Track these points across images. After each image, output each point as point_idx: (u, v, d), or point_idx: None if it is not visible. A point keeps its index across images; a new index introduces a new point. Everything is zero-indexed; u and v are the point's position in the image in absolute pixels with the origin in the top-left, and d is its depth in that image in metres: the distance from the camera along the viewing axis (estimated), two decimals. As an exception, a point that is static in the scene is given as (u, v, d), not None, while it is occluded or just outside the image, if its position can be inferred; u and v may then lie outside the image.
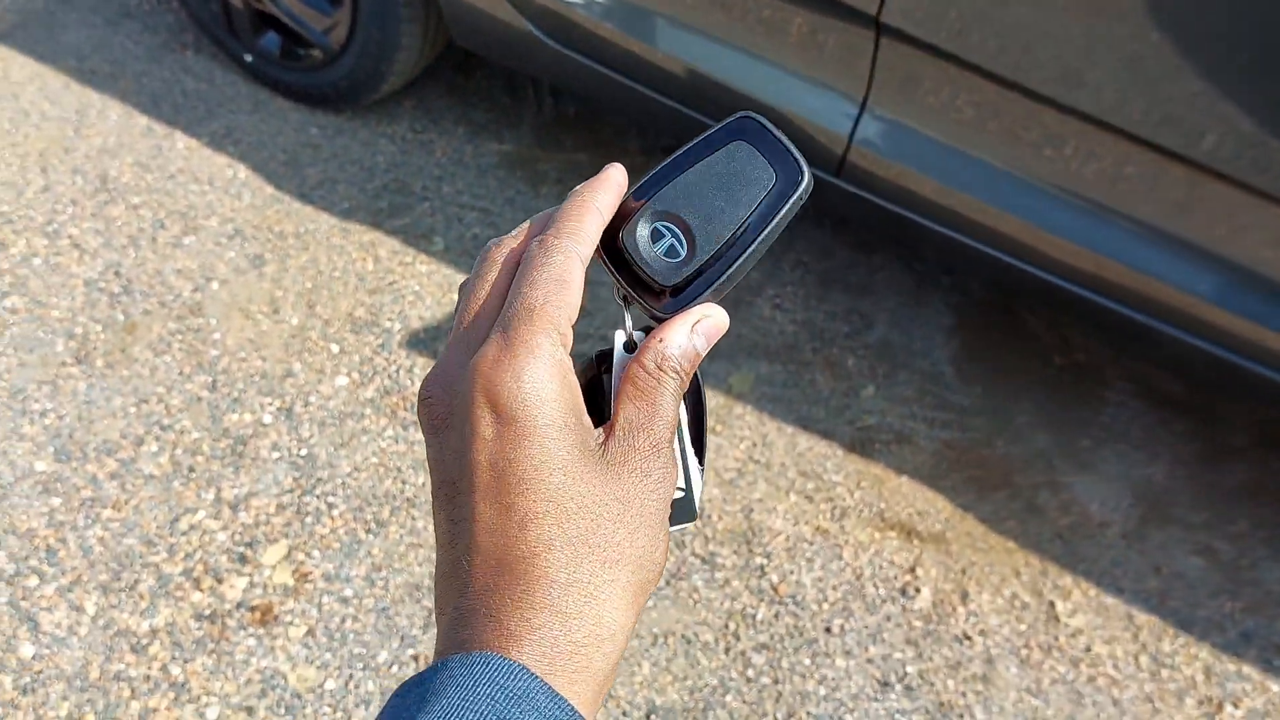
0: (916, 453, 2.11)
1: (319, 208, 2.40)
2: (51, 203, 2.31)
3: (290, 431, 1.99)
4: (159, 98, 2.59)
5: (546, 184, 2.54)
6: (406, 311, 2.21)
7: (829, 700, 1.76)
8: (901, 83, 1.84)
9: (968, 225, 1.91)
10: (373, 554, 1.84)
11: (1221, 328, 1.78)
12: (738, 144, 0.53)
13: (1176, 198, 1.72)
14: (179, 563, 1.79)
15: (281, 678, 1.69)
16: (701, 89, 2.07)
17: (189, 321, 2.13)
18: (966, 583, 1.92)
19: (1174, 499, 2.09)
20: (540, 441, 0.43)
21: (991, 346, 2.32)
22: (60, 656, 1.67)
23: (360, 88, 2.52)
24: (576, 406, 0.45)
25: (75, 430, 1.93)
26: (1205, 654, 1.87)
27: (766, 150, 0.53)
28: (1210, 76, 1.59)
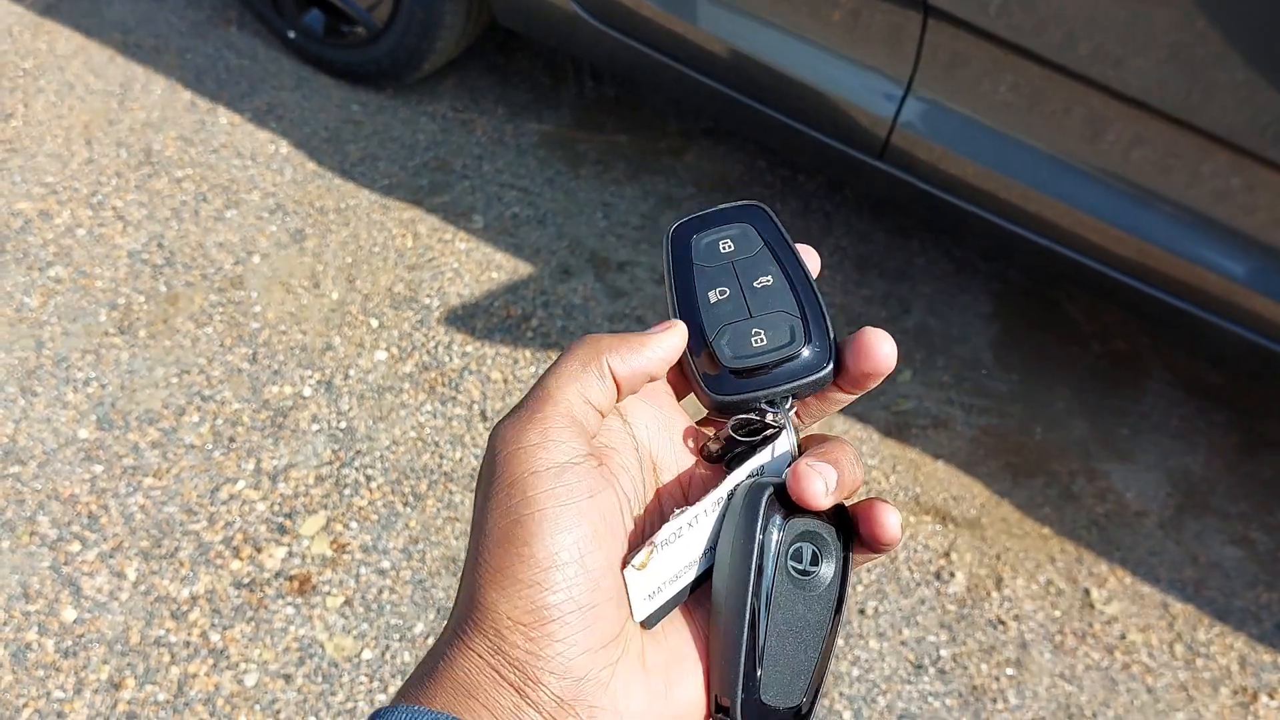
0: (953, 438, 2.10)
1: (360, 184, 2.41)
2: (96, 174, 2.33)
3: (330, 404, 2.00)
4: (203, 73, 2.62)
5: (586, 165, 2.54)
6: (445, 288, 2.22)
7: (862, 681, 1.76)
8: (947, 65, 1.83)
9: (1010, 210, 1.90)
10: (410, 526, 1.86)
11: (1265, 315, 1.77)
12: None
13: (1222, 183, 1.71)
14: (219, 531, 1.81)
15: (319, 646, 1.71)
16: (744, 69, 2.06)
17: (230, 294, 2.15)
18: (1001, 568, 1.92)
19: (1212, 489, 2.07)
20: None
21: (1030, 333, 2.31)
22: (101, 621, 1.70)
23: (402, 66, 2.54)
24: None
25: (118, 399, 1.96)
26: (1241, 644, 1.86)
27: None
28: (1256, 60, 1.58)
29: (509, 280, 2.27)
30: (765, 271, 0.52)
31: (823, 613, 0.48)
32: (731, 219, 0.54)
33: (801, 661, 0.47)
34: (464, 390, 2.05)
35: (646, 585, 0.46)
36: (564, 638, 0.43)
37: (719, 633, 0.46)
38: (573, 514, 0.44)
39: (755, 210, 0.55)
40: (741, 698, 0.45)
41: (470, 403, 2.03)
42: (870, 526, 0.48)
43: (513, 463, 0.45)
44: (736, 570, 0.46)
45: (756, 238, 0.53)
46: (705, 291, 0.52)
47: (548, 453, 0.45)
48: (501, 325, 2.18)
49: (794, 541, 0.47)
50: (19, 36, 2.63)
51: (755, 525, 0.45)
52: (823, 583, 0.47)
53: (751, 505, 0.46)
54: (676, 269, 0.53)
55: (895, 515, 0.48)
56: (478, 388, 2.06)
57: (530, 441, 0.45)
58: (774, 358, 0.50)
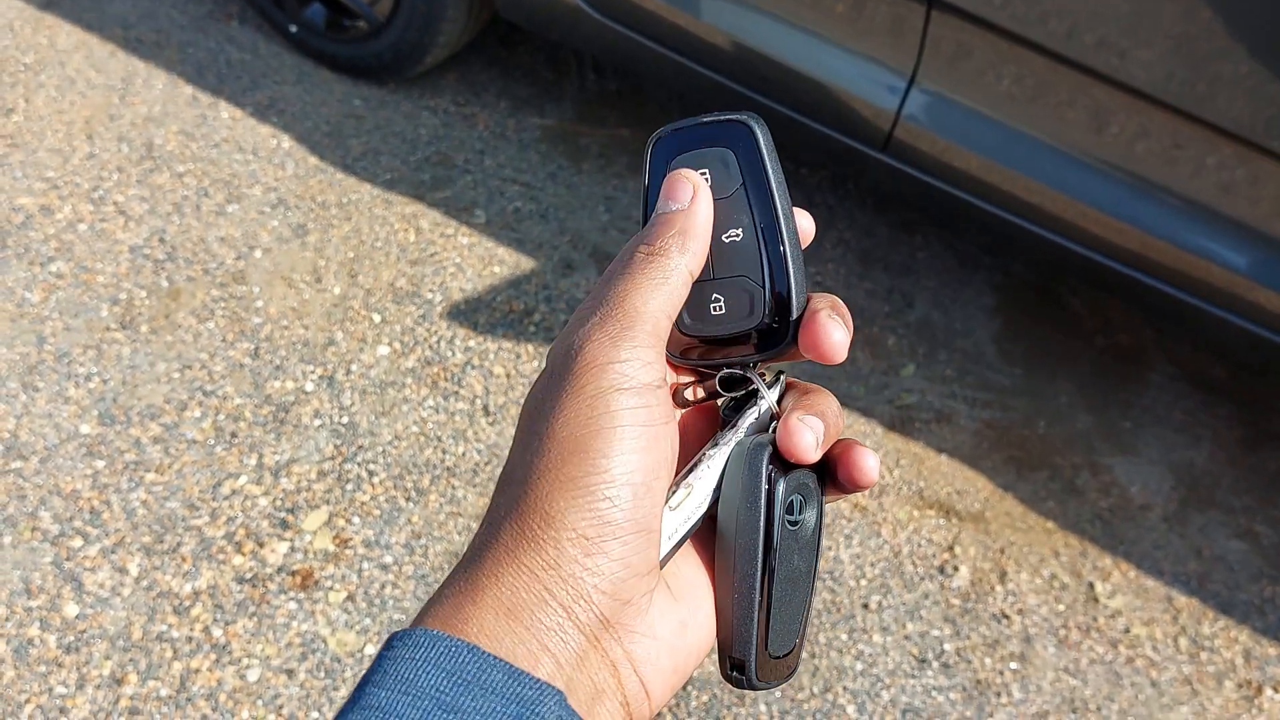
0: (956, 432, 2.10)
1: (362, 179, 2.41)
2: (97, 169, 2.33)
3: (332, 399, 2.00)
4: (204, 67, 2.61)
5: (588, 159, 2.54)
6: (448, 283, 2.22)
7: (866, 675, 1.76)
8: (951, 57, 1.83)
9: (1014, 202, 1.90)
10: (412, 522, 1.85)
11: (1268, 308, 1.76)
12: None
13: (1227, 175, 1.70)
14: (221, 527, 1.81)
15: (322, 641, 1.71)
16: (746, 62, 2.06)
17: (232, 289, 2.14)
18: (1005, 562, 1.91)
19: (1216, 482, 2.07)
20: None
21: (1033, 327, 2.31)
22: (104, 616, 1.69)
23: (404, 60, 2.53)
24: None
25: (119, 394, 1.95)
26: (1245, 637, 1.86)
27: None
28: (1261, 52, 1.57)
29: (511, 275, 2.26)
30: (736, 223, 0.49)
31: (810, 558, 0.49)
32: (716, 139, 0.49)
33: (796, 608, 0.48)
34: (466, 385, 2.05)
35: (670, 525, 0.46)
36: (620, 557, 0.43)
37: (733, 595, 0.46)
38: (650, 437, 0.44)
39: (742, 130, 0.49)
40: (754, 656, 0.46)
41: (473, 398, 2.03)
42: (849, 470, 0.49)
43: (600, 376, 0.44)
44: (747, 537, 0.46)
45: (736, 171, 0.49)
46: None
47: (636, 371, 0.44)
48: (504, 320, 2.17)
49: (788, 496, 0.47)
50: (20, 31, 2.62)
51: (760, 492, 0.46)
52: (809, 529, 0.48)
53: (754, 469, 0.46)
54: (651, 191, 0.50)
55: (874, 459, 0.49)
56: (480, 383, 2.06)
57: (621, 357, 0.44)
58: (729, 331, 0.49)
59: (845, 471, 0.49)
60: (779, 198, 0.49)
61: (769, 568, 0.46)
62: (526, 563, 0.42)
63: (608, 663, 0.43)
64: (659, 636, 0.45)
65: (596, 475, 0.43)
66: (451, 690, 0.39)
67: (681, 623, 0.46)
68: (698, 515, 0.47)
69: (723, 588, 0.47)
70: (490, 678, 0.39)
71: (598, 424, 0.43)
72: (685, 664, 0.46)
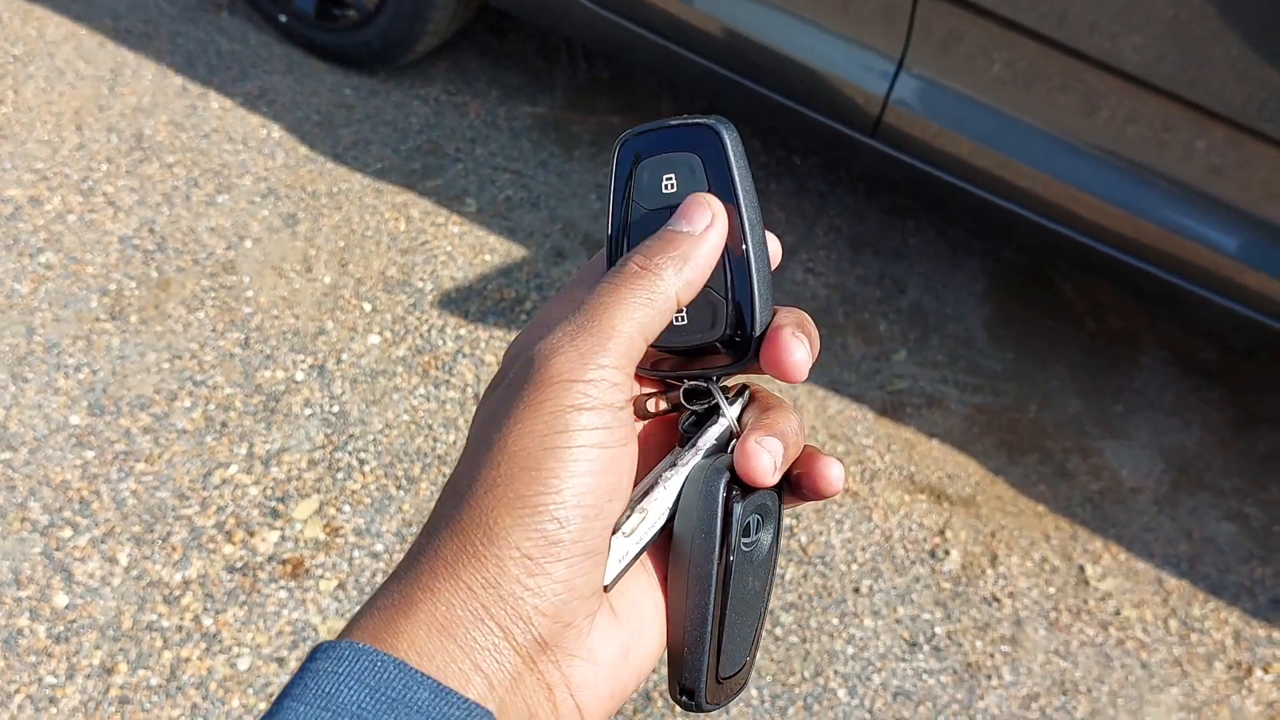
0: (947, 417, 2.10)
1: (352, 168, 2.40)
2: (86, 160, 2.33)
3: (322, 388, 2.00)
4: (194, 58, 2.60)
5: (580, 147, 2.53)
6: (439, 272, 2.22)
7: (857, 659, 1.76)
8: (940, 41, 1.82)
9: (1004, 187, 1.89)
10: (403, 510, 1.85)
11: (1259, 291, 1.76)
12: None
13: (1217, 158, 1.70)
14: (211, 516, 1.81)
15: (312, 630, 1.71)
16: (737, 48, 2.05)
17: (222, 279, 2.14)
18: (996, 546, 1.91)
19: (1206, 465, 2.07)
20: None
21: (1024, 312, 2.31)
22: (93, 606, 1.69)
23: (394, 49, 2.52)
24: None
25: (109, 385, 1.95)
26: (1235, 619, 1.86)
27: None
28: (1252, 35, 1.57)
29: (502, 263, 2.26)
30: None
31: (764, 576, 0.48)
32: (683, 143, 0.48)
33: (747, 629, 0.47)
34: (457, 374, 2.05)
35: (620, 549, 0.45)
36: (564, 579, 0.41)
37: (685, 624, 0.46)
38: (607, 459, 0.42)
39: (709, 136, 0.47)
40: (705, 683, 0.45)
41: (464, 386, 2.03)
42: (814, 481, 0.47)
43: (562, 393, 0.42)
44: (701, 566, 0.45)
45: (702, 178, 0.47)
46: (636, 242, 0.47)
47: (600, 392, 0.42)
48: (495, 308, 2.17)
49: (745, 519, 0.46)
50: (8, 22, 2.61)
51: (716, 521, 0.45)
52: (764, 549, 0.47)
53: (711, 495, 0.45)
54: (615, 196, 0.49)
55: (838, 468, 0.47)
56: (471, 371, 2.06)
57: (587, 376, 0.42)
58: (690, 343, 0.47)
59: (810, 482, 0.48)
60: (745, 208, 0.47)
61: (724, 597, 0.45)
62: (465, 578, 0.41)
63: (543, 685, 0.42)
64: (598, 661, 0.43)
65: (547, 495, 0.41)
66: (374, 707, 0.37)
67: (624, 646, 0.45)
68: (649, 538, 0.46)
69: (674, 611, 0.46)
70: (416, 695, 0.38)
71: (553, 442, 0.42)
72: (624, 688, 0.45)
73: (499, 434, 0.43)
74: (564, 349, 0.43)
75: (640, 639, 0.46)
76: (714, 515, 0.45)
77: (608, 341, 0.43)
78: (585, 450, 0.42)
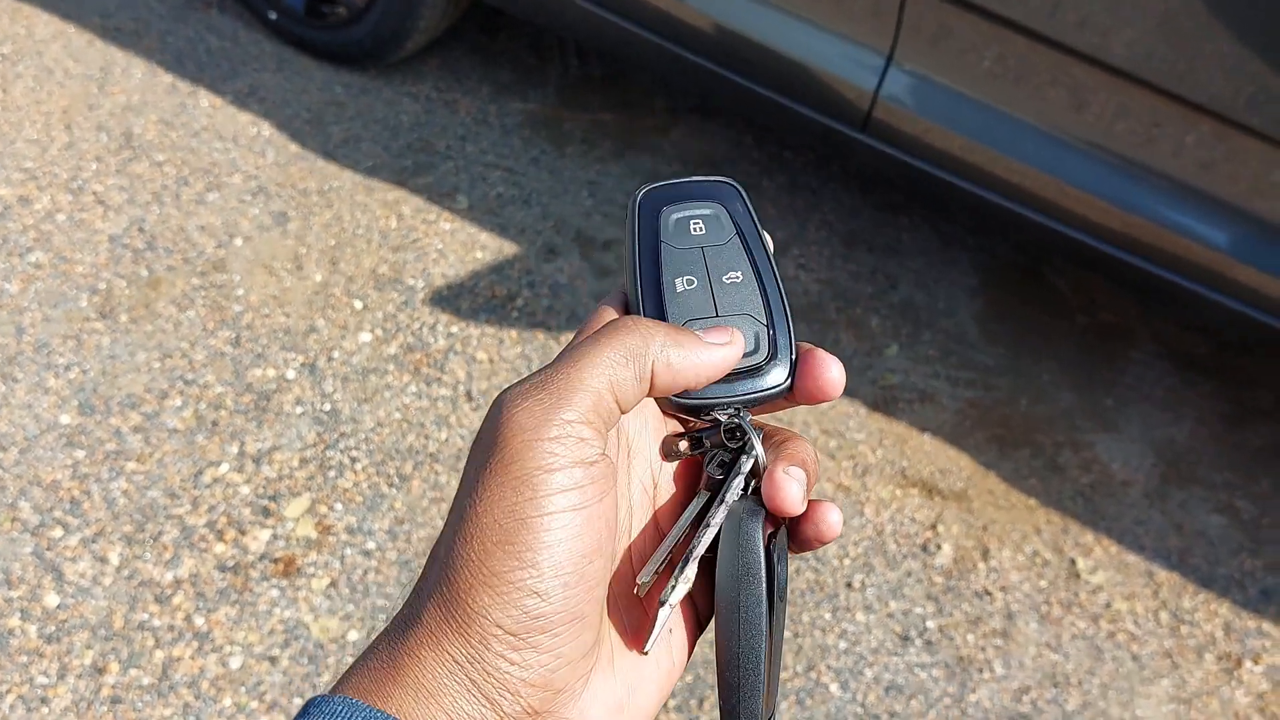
0: (939, 411, 2.10)
1: (343, 165, 2.40)
2: (76, 159, 2.32)
3: (313, 386, 2.00)
4: (183, 55, 2.60)
5: (571, 144, 2.53)
6: (430, 269, 2.21)
7: (849, 654, 1.76)
8: (929, 36, 1.82)
9: (995, 181, 1.90)
10: (395, 508, 1.85)
11: (1250, 285, 1.76)
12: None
13: (1207, 153, 1.70)
14: (202, 515, 1.81)
15: (304, 628, 1.71)
16: (727, 44, 2.05)
17: (212, 277, 2.14)
18: (987, 540, 1.92)
19: (1197, 458, 2.07)
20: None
21: (1016, 306, 2.31)
22: (85, 606, 1.69)
23: (385, 46, 2.52)
24: None
25: (99, 384, 1.95)
26: (1225, 611, 1.87)
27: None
28: (1242, 30, 1.57)
29: (494, 260, 2.26)
30: (736, 266, 0.50)
31: (783, 611, 0.48)
32: (704, 196, 0.52)
33: (778, 666, 0.47)
34: (449, 371, 2.05)
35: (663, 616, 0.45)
36: (551, 649, 0.40)
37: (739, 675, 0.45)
38: (583, 519, 0.41)
39: (728, 190, 0.52)
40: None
41: (455, 384, 2.03)
42: (815, 525, 0.47)
43: (526, 456, 0.41)
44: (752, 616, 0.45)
45: (729, 224, 0.51)
46: (672, 277, 0.50)
47: (566, 449, 0.41)
48: (487, 305, 2.17)
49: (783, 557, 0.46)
50: (-3, 22, 2.61)
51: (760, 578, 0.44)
52: (784, 585, 0.47)
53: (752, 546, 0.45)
54: (641, 242, 0.51)
55: (837, 514, 0.47)
56: (463, 368, 2.05)
57: (549, 435, 0.41)
58: (737, 367, 0.48)
59: (812, 528, 0.47)
60: (767, 252, 0.51)
61: (773, 650, 0.45)
62: (449, 651, 0.40)
63: None
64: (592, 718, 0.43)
65: (523, 570, 0.40)
66: None
67: (619, 703, 0.44)
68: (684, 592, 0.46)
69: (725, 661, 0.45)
70: None
71: (524, 511, 0.40)
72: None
73: (471, 503, 0.42)
74: (524, 404, 0.42)
75: (635, 694, 0.45)
76: (757, 566, 0.44)
77: (573, 396, 0.42)
78: (559, 516, 0.40)
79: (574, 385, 0.42)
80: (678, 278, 0.50)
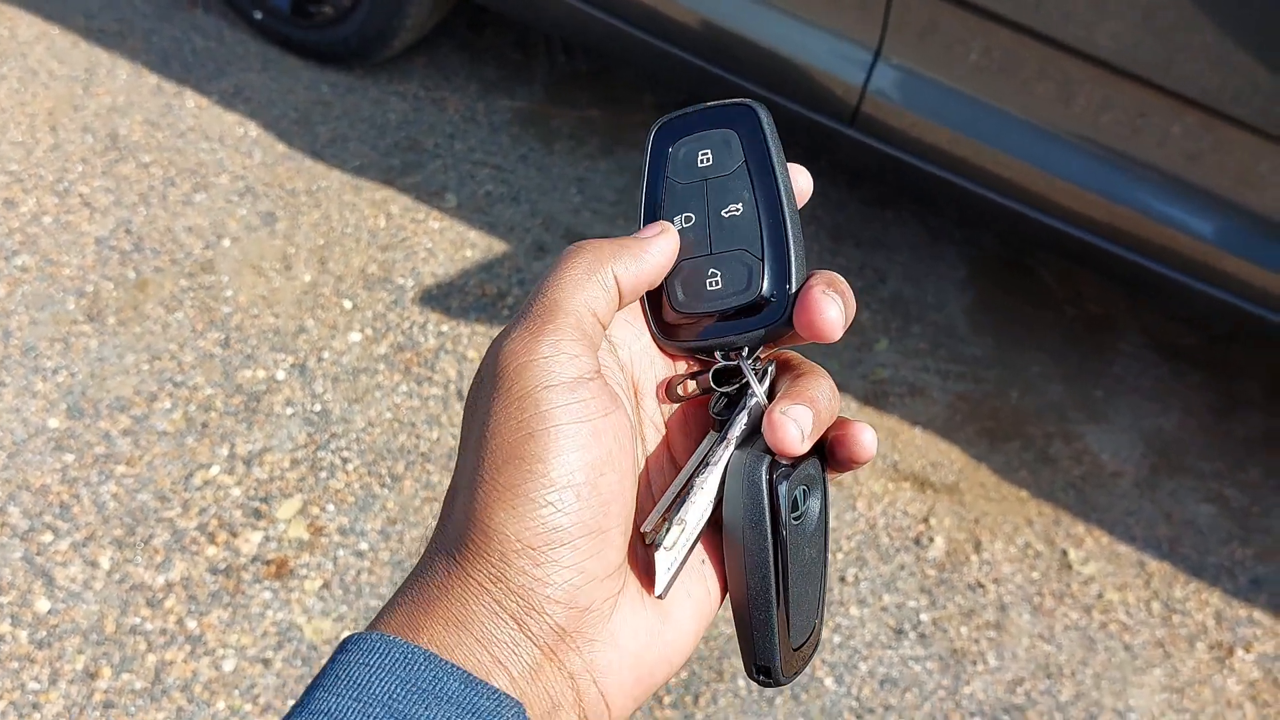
0: (930, 405, 2.10)
1: (330, 165, 2.39)
2: (61, 161, 2.31)
3: (304, 387, 1.99)
4: (168, 56, 2.59)
5: (559, 140, 2.53)
6: (419, 268, 2.21)
7: (844, 648, 1.77)
8: (916, 31, 1.82)
9: (982, 174, 1.90)
10: (387, 508, 1.85)
11: (1236, 275, 1.77)
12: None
13: (1192, 144, 1.71)
14: (193, 518, 1.81)
15: (297, 630, 1.70)
16: (715, 40, 2.05)
17: (201, 279, 2.13)
18: (979, 532, 1.92)
19: (1186, 448, 2.08)
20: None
21: (1005, 299, 2.31)
22: (76, 611, 1.69)
23: (371, 44, 2.51)
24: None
25: (88, 387, 1.94)
26: (1216, 600, 1.88)
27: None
28: (1225, 21, 1.57)
29: (483, 259, 2.25)
30: (737, 197, 0.48)
31: (819, 542, 0.48)
32: (719, 121, 0.50)
33: (812, 593, 0.47)
34: (440, 370, 2.04)
35: (668, 559, 0.44)
36: (572, 564, 0.41)
37: (750, 610, 0.46)
38: (589, 432, 0.42)
39: (745, 112, 0.50)
40: (779, 659, 0.46)
41: (446, 382, 2.03)
42: (848, 447, 0.47)
43: (524, 376, 0.42)
44: (756, 555, 0.45)
45: (738, 151, 0.49)
46: (672, 216, 0.49)
47: (561, 366, 0.42)
48: (477, 304, 2.17)
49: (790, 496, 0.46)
50: (-20, 24, 2.59)
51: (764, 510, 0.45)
52: (814, 517, 0.47)
53: (754, 488, 0.45)
54: (651, 179, 0.51)
55: (870, 434, 0.47)
56: (454, 367, 2.05)
57: (542, 354, 0.42)
58: (725, 306, 0.48)
59: (844, 450, 0.47)
60: (780, 176, 0.48)
61: (783, 577, 0.45)
62: (474, 576, 0.41)
63: (564, 674, 0.41)
64: (621, 645, 0.43)
65: (534, 481, 0.41)
66: (405, 697, 0.37)
67: (650, 632, 0.44)
68: (694, 539, 0.45)
69: (736, 599, 0.46)
70: (446, 686, 0.38)
71: (529, 426, 0.41)
72: (652, 675, 0.44)
73: (477, 430, 0.43)
74: (514, 333, 0.44)
75: (666, 624, 0.45)
76: (760, 505, 0.45)
77: (555, 318, 0.43)
78: (564, 428, 0.41)
79: (552, 310, 0.44)
80: (678, 215, 0.49)
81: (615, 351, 0.48)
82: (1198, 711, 1.75)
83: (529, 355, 0.42)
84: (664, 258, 0.48)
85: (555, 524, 0.41)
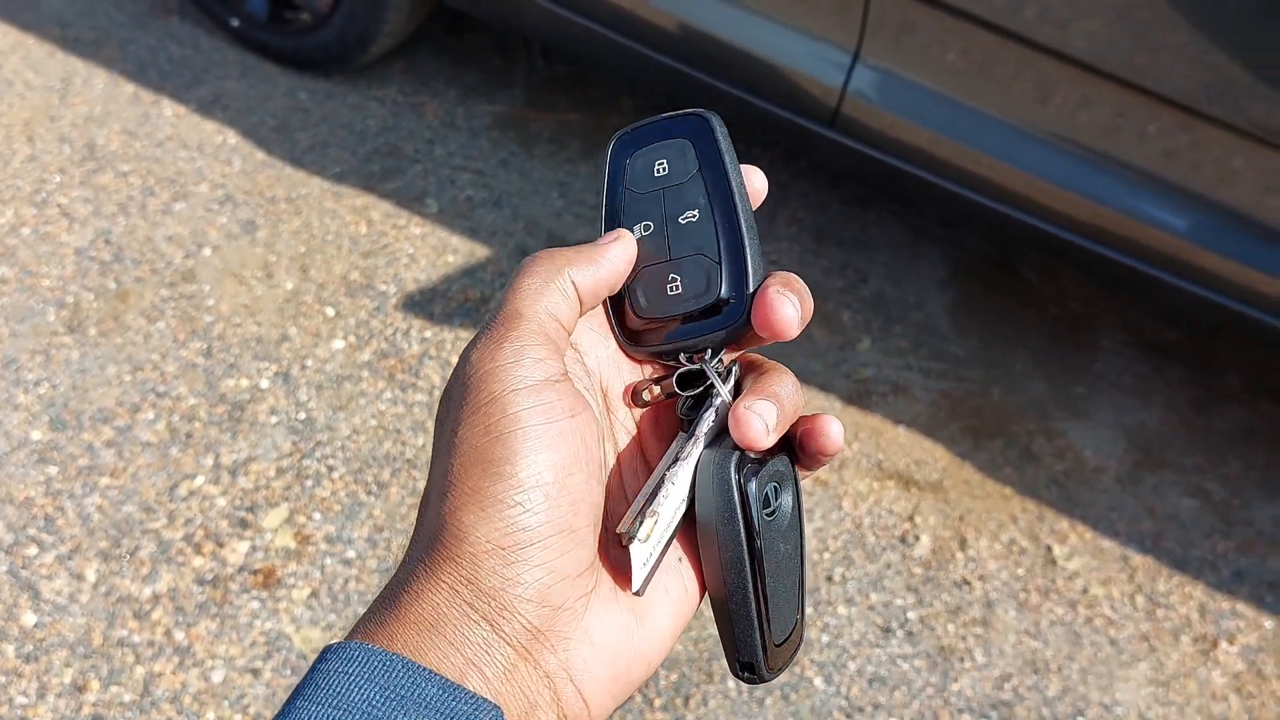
0: (913, 403, 2.11)
1: (310, 172, 2.39)
2: (39, 172, 2.30)
3: (288, 395, 1.99)
4: (145, 65, 2.57)
5: (539, 144, 2.53)
6: (401, 274, 2.21)
7: (832, 647, 1.77)
8: (894, 32, 1.84)
9: (963, 175, 1.91)
10: (374, 515, 1.85)
11: (1214, 271, 1.79)
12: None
13: (1169, 142, 1.72)
14: (179, 528, 1.80)
15: (286, 639, 1.70)
16: (694, 44, 2.05)
17: (182, 288, 2.12)
18: (965, 529, 1.93)
19: (1167, 443, 2.10)
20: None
21: (987, 297, 2.33)
22: (62, 624, 1.68)
23: (349, 51, 2.51)
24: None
25: (70, 399, 1.93)
26: (1199, 593, 1.89)
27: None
28: (1200, 20, 1.59)
29: (466, 263, 2.25)
30: (693, 204, 0.50)
31: (794, 537, 0.49)
32: (674, 132, 0.52)
33: (789, 590, 0.48)
34: (424, 376, 2.04)
35: (644, 553, 0.45)
36: (542, 563, 0.41)
37: (729, 607, 0.46)
38: (556, 433, 0.42)
39: (698, 122, 0.52)
40: (761, 655, 0.47)
41: (431, 388, 2.02)
42: (816, 439, 0.48)
43: (490, 381, 0.43)
44: (730, 551, 0.46)
45: (693, 159, 0.51)
46: (631, 225, 0.51)
47: (526, 370, 0.43)
48: (460, 309, 2.17)
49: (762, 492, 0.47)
50: (-46, 34, 2.57)
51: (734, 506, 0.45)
52: (787, 512, 0.48)
53: (724, 483, 0.45)
54: (610, 190, 0.52)
55: (836, 424, 0.48)
56: (438, 373, 2.05)
57: (507, 359, 0.43)
58: (686, 309, 0.49)
59: (813, 442, 0.48)
60: (734, 181, 0.50)
61: (759, 574, 0.46)
62: (445, 579, 0.41)
63: (540, 674, 0.42)
64: (596, 643, 0.43)
65: (502, 482, 0.41)
66: (385, 705, 0.38)
67: (625, 629, 0.45)
68: (669, 535, 0.46)
69: (715, 596, 0.47)
70: (424, 692, 0.38)
71: (496, 430, 0.42)
72: (629, 673, 0.45)
73: (448, 437, 0.44)
74: (480, 343, 0.45)
75: (645, 620, 0.46)
76: (731, 500, 0.45)
77: (518, 325, 0.44)
78: (531, 429, 0.42)
79: (514, 318, 0.45)
80: (636, 224, 0.51)
81: (582, 359, 0.49)
82: (1183, 704, 1.77)
83: (494, 361, 0.44)
84: (620, 263, 0.49)
85: (524, 524, 0.41)
